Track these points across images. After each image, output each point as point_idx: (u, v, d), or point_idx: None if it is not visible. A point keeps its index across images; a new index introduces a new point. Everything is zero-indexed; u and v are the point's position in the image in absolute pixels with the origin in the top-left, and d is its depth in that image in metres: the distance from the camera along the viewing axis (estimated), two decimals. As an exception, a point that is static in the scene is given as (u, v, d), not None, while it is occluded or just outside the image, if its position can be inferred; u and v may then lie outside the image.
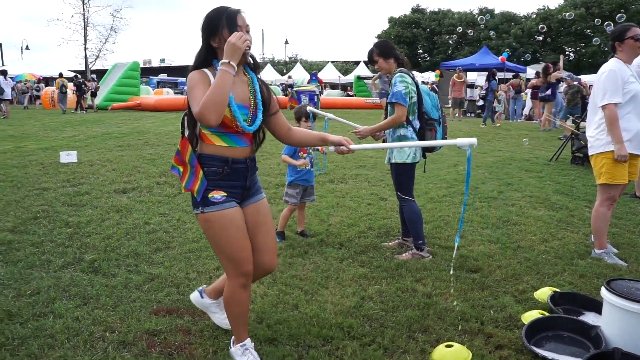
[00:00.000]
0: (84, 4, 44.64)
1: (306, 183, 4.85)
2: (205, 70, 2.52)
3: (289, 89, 25.65)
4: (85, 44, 46.16)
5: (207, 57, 2.56)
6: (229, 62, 2.34)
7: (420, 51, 62.98)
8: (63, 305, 3.35)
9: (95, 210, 5.74)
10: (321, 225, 5.30)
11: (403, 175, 4.38)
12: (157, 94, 28.33)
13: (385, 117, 4.42)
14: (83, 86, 23.55)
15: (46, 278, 3.82)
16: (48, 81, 33.93)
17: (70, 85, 23.93)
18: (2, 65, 38.61)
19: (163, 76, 48.85)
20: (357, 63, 47.45)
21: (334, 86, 38.93)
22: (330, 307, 3.42)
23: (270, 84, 33.92)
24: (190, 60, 2.60)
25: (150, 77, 45.76)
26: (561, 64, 16.10)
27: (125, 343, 2.93)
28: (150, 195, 6.44)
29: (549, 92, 15.17)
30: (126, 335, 3.00)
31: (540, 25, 35.88)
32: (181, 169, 2.57)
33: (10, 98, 21.06)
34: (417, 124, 4.30)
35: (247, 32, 2.48)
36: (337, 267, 4.16)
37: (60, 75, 25.18)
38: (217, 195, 2.52)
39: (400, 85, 4.16)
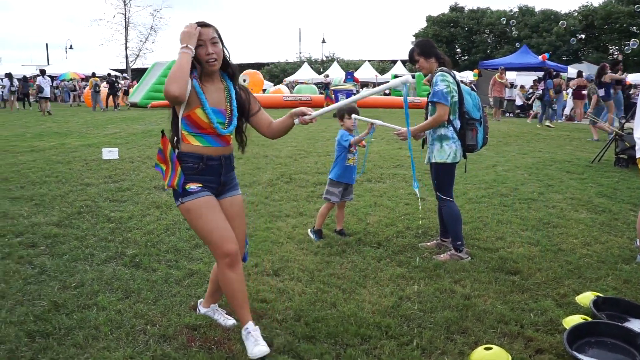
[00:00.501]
0: (125, 5, 45.69)
1: (352, 181, 4.87)
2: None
3: (323, 91, 25.55)
4: (126, 43, 47.26)
5: None
6: (187, 45, 2.61)
7: (459, 50, 62.28)
8: (106, 298, 3.45)
9: (136, 206, 5.87)
10: (359, 225, 5.29)
11: (443, 175, 4.35)
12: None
13: (426, 117, 4.38)
14: (115, 84, 24.10)
15: (90, 271, 3.94)
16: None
17: (104, 83, 24.53)
18: (48, 64, 39.81)
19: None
20: (394, 62, 47.12)
21: (375, 85, 38.65)
22: (368, 306, 3.42)
23: (307, 83, 34.20)
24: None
25: (189, 75, 46.34)
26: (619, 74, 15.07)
27: (165, 337, 2.99)
28: (189, 192, 6.52)
29: (602, 92, 14.59)
30: (167, 329, 3.06)
31: (561, 22, 34.61)
32: (164, 167, 2.80)
33: (49, 96, 21.71)
34: (457, 124, 4.25)
35: (214, 44, 2.69)
36: (375, 266, 4.16)
37: (93, 74, 25.87)
38: (193, 186, 2.76)
39: (442, 84, 4.11)
